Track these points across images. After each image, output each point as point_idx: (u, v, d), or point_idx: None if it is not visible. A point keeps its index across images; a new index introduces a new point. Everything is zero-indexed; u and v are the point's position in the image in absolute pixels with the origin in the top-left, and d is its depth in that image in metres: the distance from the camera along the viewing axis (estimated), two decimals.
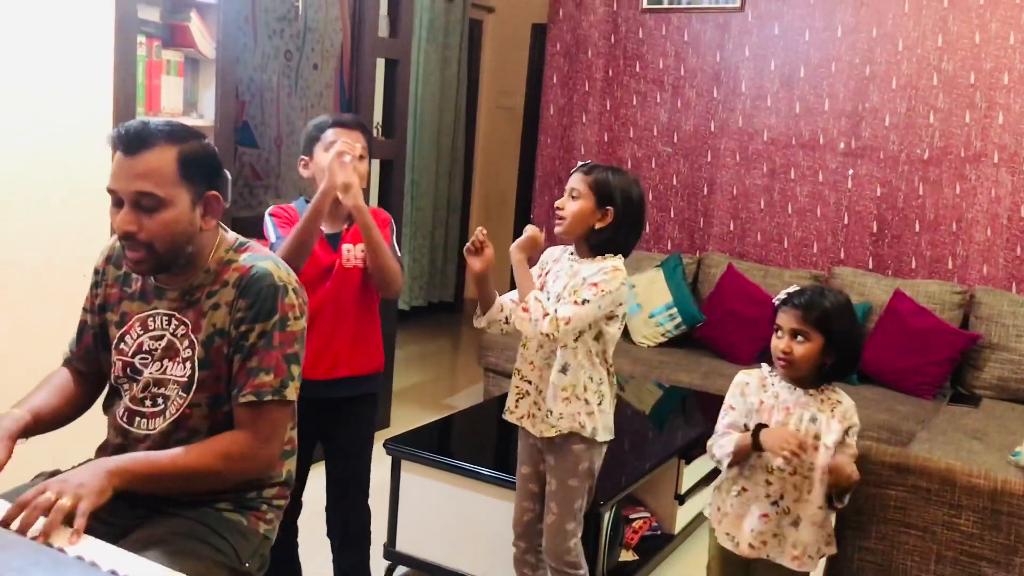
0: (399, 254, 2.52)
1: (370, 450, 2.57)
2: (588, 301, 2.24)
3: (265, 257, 1.84)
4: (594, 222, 2.34)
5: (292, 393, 1.79)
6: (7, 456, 1.70)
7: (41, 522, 1.48)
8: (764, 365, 2.29)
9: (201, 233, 1.79)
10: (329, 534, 2.57)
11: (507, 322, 2.42)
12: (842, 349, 2.17)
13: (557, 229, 2.37)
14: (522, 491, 2.51)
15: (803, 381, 2.21)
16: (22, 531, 1.46)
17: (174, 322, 1.81)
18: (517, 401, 2.43)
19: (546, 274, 2.45)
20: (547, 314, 2.23)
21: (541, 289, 2.40)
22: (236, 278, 1.79)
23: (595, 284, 2.26)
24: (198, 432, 1.79)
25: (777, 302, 2.22)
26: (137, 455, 1.71)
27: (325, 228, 2.46)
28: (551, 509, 2.41)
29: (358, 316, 2.47)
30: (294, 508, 2.58)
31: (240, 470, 1.76)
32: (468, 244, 2.33)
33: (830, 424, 2.15)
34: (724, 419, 2.28)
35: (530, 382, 2.40)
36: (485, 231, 2.33)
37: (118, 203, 1.72)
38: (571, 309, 2.23)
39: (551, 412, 2.35)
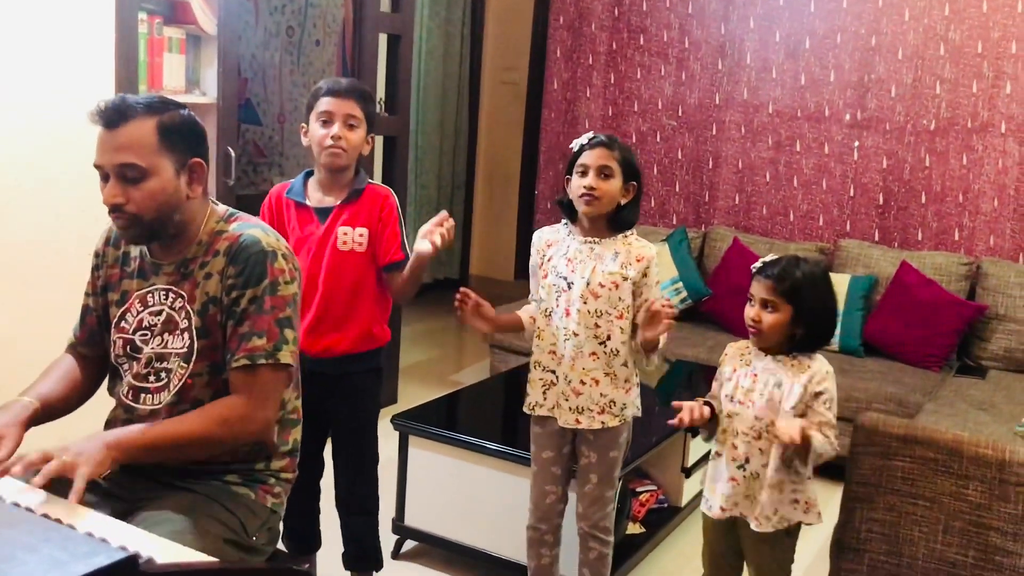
0: (409, 251, 2.46)
1: (374, 423, 2.57)
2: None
3: (254, 225, 1.87)
4: (619, 199, 2.32)
5: (287, 356, 1.80)
6: (18, 442, 1.72)
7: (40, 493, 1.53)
8: (751, 337, 2.30)
9: (189, 201, 1.82)
10: (337, 505, 2.59)
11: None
12: (811, 321, 2.17)
13: (589, 210, 2.29)
14: (545, 475, 2.47)
15: (775, 350, 2.22)
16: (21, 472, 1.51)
17: (171, 295, 1.83)
18: (544, 393, 2.40)
19: (547, 261, 2.39)
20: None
21: (545, 278, 2.38)
22: (226, 247, 1.82)
23: (657, 282, 2.34)
24: (201, 402, 1.81)
25: (754, 270, 2.23)
26: (134, 427, 1.73)
27: (311, 201, 2.43)
28: (590, 480, 2.41)
29: (352, 298, 2.43)
30: (315, 469, 2.59)
31: (237, 434, 1.77)
32: (457, 305, 2.30)
33: (792, 388, 2.16)
34: (712, 390, 2.34)
35: (554, 372, 2.37)
36: (464, 294, 2.30)
37: (105, 177, 1.76)
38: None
39: (613, 403, 2.35)
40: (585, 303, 2.31)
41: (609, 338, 2.32)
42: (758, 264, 2.23)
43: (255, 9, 3.96)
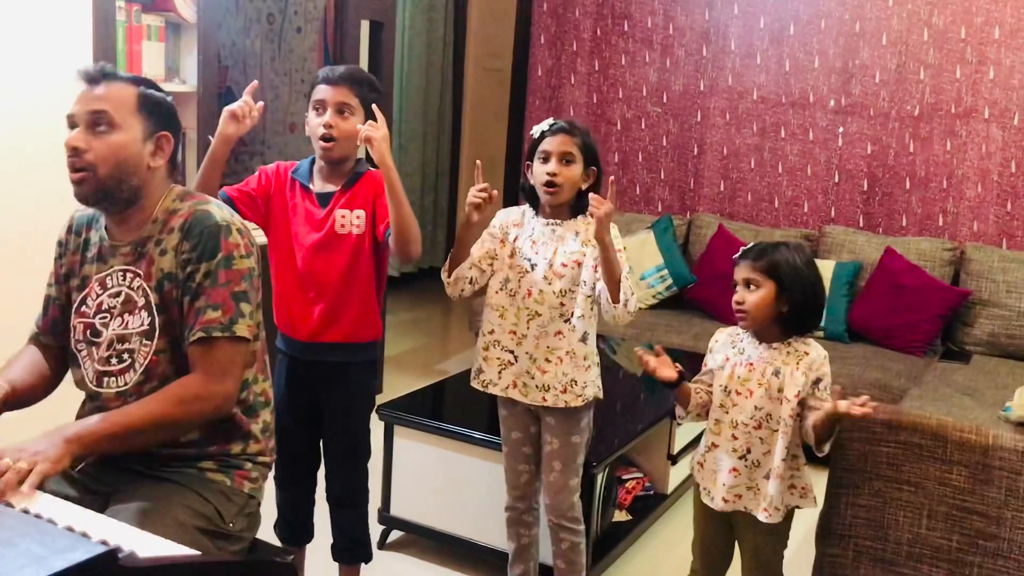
0: None
1: (366, 417, 2.55)
2: (630, 270, 2.29)
3: (207, 201, 1.88)
4: (581, 184, 2.33)
5: (243, 330, 1.79)
6: None
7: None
8: (740, 324, 2.30)
9: (149, 172, 1.82)
10: (327, 498, 2.57)
11: (471, 283, 2.38)
12: (795, 296, 2.15)
13: (552, 199, 2.32)
14: (516, 455, 2.51)
15: (767, 335, 2.21)
16: None
17: (128, 275, 1.83)
18: (500, 372, 2.40)
19: (513, 241, 2.39)
20: (632, 296, 2.25)
21: (512, 257, 2.38)
22: (180, 223, 1.82)
23: (620, 250, 2.27)
24: (168, 378, 1.80)
25: (735, 258, 2.24)
26: (93, 418, 1.71)
27: (315, 187, 2.42)
28: (553, 468, 2.42)
29: (349, 284, 2.40)
30: (312, 462, 2.58)
31: (196, 412, 1.75)
32: (478, 195, 2.23)
33: (793, 376, 2.15)
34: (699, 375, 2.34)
35: (512, 351, 2.37)
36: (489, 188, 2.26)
37: (73, 127, 1.78)
38: (629, 286, 2.26)
39: (575, 382, 2.34)
40: (549, 284, 2.33)
41: (572, 315, 2.33)
42: (737, 254, 2.24)
43: None
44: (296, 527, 2.61)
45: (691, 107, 4.96)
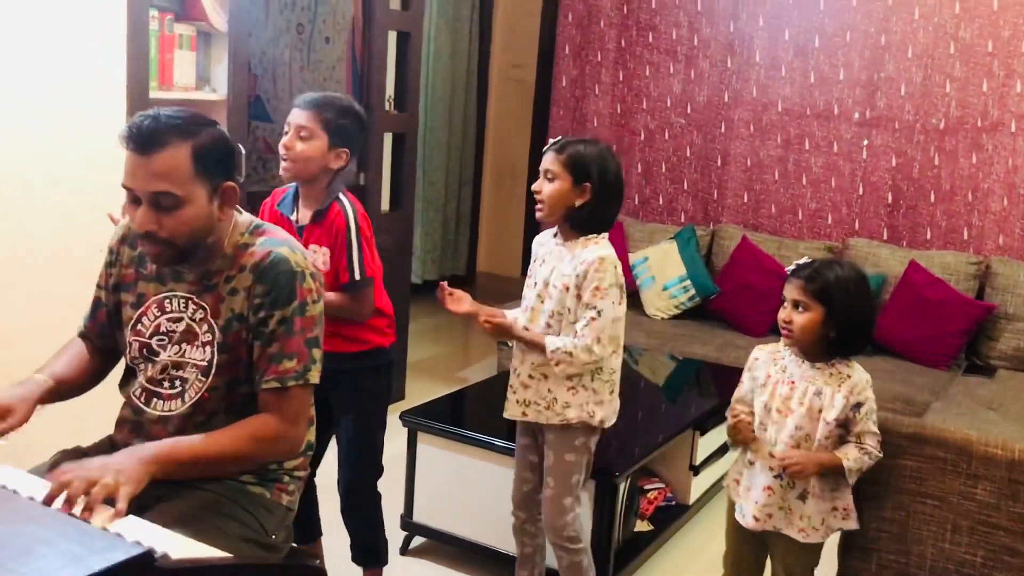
0: (357, 275, 2.40)
1: (369, 416, 2.58)
2: (600, 309, 2.24)
3: (281, 242, 1.83)
4: (573, 201, 2.30)
5: (315, 376, 1.81)
6: (25, 418, 1.73)
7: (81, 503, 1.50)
8: (783, 340, 2.29)
9: (220, 222, 1.80)
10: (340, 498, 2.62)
11: None
12: (843, 322, 2.14)
13: (539, 215, 2.34)
14: (521, 462, 2.54)
15: (811, 354, 2.20)
16: (67, 506, 1.47)
17: (191, 306, 1.81)
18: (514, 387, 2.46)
19: (533, 261, 2.43)
20: (572, 349, 2.24)
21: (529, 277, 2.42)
22: (253, 263, 1.79)
23: (597, 288, 2.24)
24: (216, 414, 1.81)
25: (788, 272, 2.23)
26: (169, 442, 1.72)
27: (295, 218, 2.45)
28: (548, 484, 2.42)
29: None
30: (313, 462, 2.61)
31: (271, 452, 1.79)
32: (441, 295, 2.35)
33: (834, 398, 2.15)
34: (736, 392, 2.32)
35: (516, 371, 2.41)
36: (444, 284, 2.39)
37: (135, 200, 1.72)
38: (591, 329, 2.24)
39: (556, 400, 2.35)
40: (542, 302, 2.35)
41: (559, 336, 2.31)
42: (792, 266, 2.22)
43: (265, 6, 3.97)
44: (301, 522, 2.63)
45: (715, 118, 4.96)
